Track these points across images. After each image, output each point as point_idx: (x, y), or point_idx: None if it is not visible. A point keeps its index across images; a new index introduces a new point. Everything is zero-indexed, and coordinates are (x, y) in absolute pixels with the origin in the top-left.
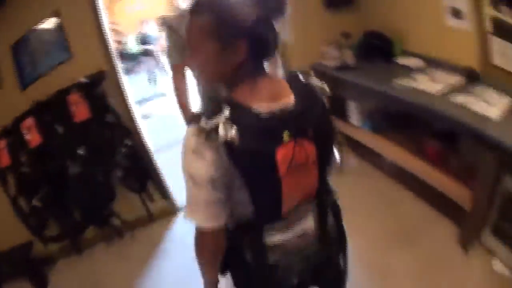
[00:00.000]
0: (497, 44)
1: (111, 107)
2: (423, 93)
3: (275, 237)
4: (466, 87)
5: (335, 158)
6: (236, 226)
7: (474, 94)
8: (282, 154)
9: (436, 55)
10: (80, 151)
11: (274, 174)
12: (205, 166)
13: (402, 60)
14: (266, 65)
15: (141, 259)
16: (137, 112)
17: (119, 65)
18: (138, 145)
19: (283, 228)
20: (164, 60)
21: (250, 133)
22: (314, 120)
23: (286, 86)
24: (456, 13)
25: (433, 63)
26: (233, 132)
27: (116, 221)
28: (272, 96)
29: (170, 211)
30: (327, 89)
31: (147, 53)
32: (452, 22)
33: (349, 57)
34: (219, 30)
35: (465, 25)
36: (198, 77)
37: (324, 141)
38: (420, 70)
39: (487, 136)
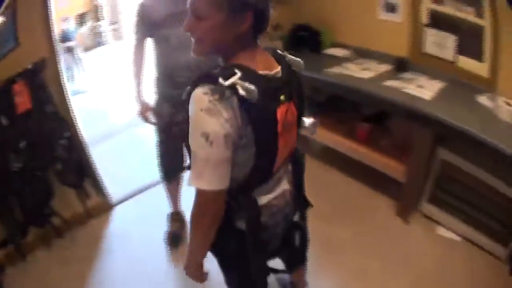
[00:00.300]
0: (431, 35)
1: (51, 97)
2: (355, 78)
3: (263, 199)
4: (397, 74)
5: (304, 121)
6: (228, 192)
7: (405, 79)
8: (279, 113)
9: (367, 46)
10: (22, 144)
11: (275, 131)
12: (221, 123)
13: (331, 51)
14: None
15: (85, 259)
16: (73, 103)
17: (59, 54)
18: (75, 138)
19: (269, 189)
20: (82, 56)
21: (261, 92)
22: (296, 88)
23: (272, 58)
24: (390, 7)
25: (364, 53)
26: (253, 88)
27: (55, 220)
28: (266, 65)
29: (106, 206)
30: (302, 63)
31: (66, 50)
32: (385, 15)
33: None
34: (231, 2)
35: (399, 18)
36: (194, 46)
37: (301, 106)
38: (349, 60)
39: (422, 113)
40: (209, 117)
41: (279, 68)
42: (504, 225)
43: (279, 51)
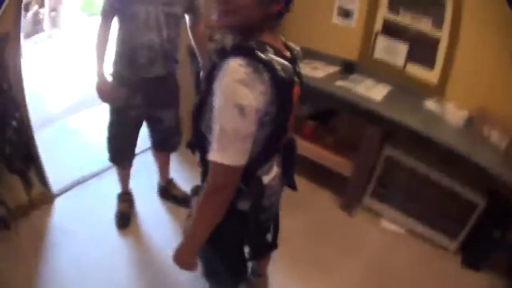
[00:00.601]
0: (382, 42)
1: (7, 74)
2: (309, 77)
3: (265, 179)
4: (344, 75)
5: None
6: None
7: (353, 81)
8: (294, 93)
9: (317, 48)
10: None
11: (291, 108)
12: (255, 96)
13: None
14: None
15: (31, 253)
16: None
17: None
18: (25, 120)
19: (268, 170)
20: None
21: (287, 70)
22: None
23: None
24: (345, 13)
25: (313, 55)
26: (288, 64)
27: (2, 210)
28: (283, 48)
29: (48, 197)
30: (300, 51)
31: None
32: (338, 20)
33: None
34: None
35: (352, 24)
36: (220, 17)
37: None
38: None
39: (373, 112)
40: (245, 89)
41: (288, 52)
42: (451, 218)
43: (281, 37)
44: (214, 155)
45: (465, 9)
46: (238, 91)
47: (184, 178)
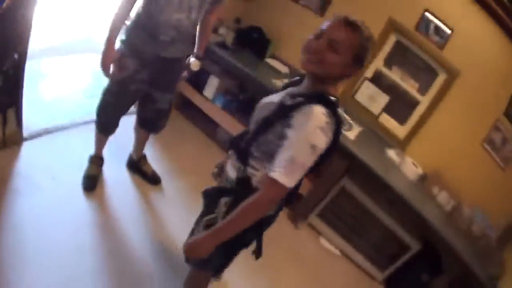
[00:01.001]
0: (367, 88)
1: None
2: None
3: None
4: None
5: None
6: None
7: None
8: None
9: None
10: None
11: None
12: (326, 141)
13: (272, 62)
14: None
15: None
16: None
17: None
18: (24, 55)
19: None
20: None
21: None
22: None
23: None
24: None
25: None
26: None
27: None
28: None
29: (16, 140)
30: None
31: None
32: None
33: (230, 39)
34: (361, 56)
35: None
36: (307, 61)
37: None
38: (287, 77)
39: (346, 148)
40: (322, 135)
41: None
42: (384, 253)
43: None
44: (279, 176)
45: (455, 84)
46: (317, 136)
47: (155, 157)
